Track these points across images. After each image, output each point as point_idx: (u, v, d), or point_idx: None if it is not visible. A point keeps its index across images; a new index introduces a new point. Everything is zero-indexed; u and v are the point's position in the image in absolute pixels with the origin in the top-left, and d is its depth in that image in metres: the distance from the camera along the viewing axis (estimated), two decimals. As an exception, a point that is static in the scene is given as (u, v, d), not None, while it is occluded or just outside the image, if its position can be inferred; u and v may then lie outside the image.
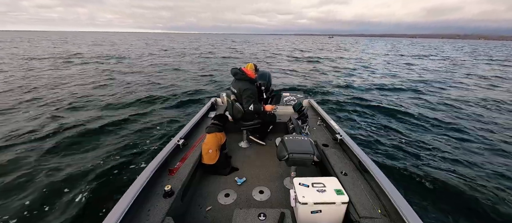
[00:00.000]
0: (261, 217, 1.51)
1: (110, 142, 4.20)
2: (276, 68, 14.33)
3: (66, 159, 3.62)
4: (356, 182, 1.91)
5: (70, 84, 8.82)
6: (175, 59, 18.03)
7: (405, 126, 5.23)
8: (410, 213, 1.41)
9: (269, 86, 3.29)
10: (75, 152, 3.85)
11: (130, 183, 1.65)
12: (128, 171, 3.35)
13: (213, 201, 2.07)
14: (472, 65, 18.20)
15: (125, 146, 4.08)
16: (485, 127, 5.31)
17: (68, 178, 3.15)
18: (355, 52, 29.53)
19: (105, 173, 3.27)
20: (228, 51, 27.61)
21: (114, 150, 3.92)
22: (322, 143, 2.60)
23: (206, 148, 2.36)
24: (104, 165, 3.46)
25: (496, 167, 3.63)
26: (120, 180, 3.15)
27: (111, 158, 3.69)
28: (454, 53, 31.76)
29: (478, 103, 7.32)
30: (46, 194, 2.85)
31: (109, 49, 25.99)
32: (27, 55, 18.48)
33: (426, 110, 6.52)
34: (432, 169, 3.53)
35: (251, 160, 2.72)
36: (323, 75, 12.39)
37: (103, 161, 3.60)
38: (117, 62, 15.48)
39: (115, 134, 4.55)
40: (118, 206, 1.44)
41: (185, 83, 9.56)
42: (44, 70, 11.76)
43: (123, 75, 11.03)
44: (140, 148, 4.02)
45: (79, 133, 4.48)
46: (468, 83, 10.61)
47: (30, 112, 5.63)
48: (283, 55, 23.22)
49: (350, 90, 8.85)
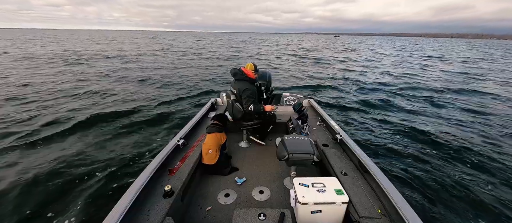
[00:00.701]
0: (261, 217, 1.51)
1: (110, 142, 4.20)
2: (283, 69, 13.94)
3: (66, 159, 3.62)
4: (356, 182, 1.91)
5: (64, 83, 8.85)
6: (178, 58, 18.06)
7: (405, 126, 5.23)
8: (410, 213, 1.41)
9: (269, 86, 3.28)
10: (75, 152, 3.85)
11: (130, 183, 1.66)
12: (128, 171, 3.35)
13: (213, 201, 2.07)
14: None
15: (125, 146, 4.09)
16: (487, 122, 5.33)
17: (68, 178, 3.15)
18: (365, 51, 28.95)
19: (105, 173, 3.27)
20: (232, 50, 27.33)
21: (114, 150, 3.92)
22: (322, 143, 2.60)
23: (206, 148, 2.36)
24: (104, 165, 3.46)
25: (499, 165, 3.63)
26: (120, 180, 3.15)
27: (111, 157, 3.69)
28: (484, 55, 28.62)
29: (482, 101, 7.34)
30: (45, 195, 2.85)
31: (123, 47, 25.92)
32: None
33: (427, 109, 6.53)
34: (432, 169, 3.53)
35: (251, 160, 2.72)
36: (329, 74, 12.29)
37: (103, 161, 3.60)
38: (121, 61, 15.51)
39: (115, 134, 4.55)
40: (118, 206, 1.44)
41: (188, 82, 9.59)
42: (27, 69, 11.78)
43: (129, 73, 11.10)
44: (140, 148, 4.02)
45: (79, 133, 4.49)
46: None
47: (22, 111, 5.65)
48: (287, 55, 22.88)
49: (355, 90, 8.81)
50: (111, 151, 3.89)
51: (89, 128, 4.75)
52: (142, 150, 3.93)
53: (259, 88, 3.07)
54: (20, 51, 20.08)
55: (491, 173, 3.47)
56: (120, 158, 3.68)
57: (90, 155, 3.76)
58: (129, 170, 3.38)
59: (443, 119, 5.72)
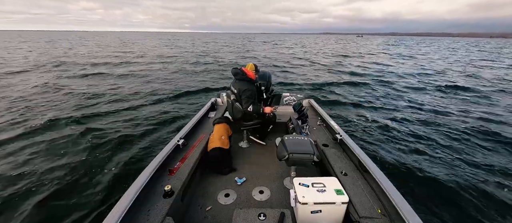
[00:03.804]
0: (261, 217, 1.51)
1: (110, 142, 4.20)
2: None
3: (65, 159, 3.62)
4: (356, 182, 1.91)
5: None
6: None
7: (406, 127, 5.23)
8: (410, 213, 1.41)
9: (269, 87, 3.29)
10: (74, 152, 3.85)
11: (130, 183, 1.65)
12: (128, 171, 3.35)
13: (213, 201, 2.07)
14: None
15: (125, 146, 4.09)
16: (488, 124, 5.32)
17: (67, 178, 3.16)
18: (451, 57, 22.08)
19: (105, 173, 3.27)
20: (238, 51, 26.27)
21: (114, 150, 3.92)
22: (322, 143, 2.60)
23: (218, 135, 2.51)
24: (104, 165, 3.47)
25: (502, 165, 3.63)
26: (120, 180, 3.15)
27: (111, 158, 3.69)
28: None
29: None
30: (45, 195, 2.85)
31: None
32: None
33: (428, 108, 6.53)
34: (432, 169, 3.53)
35: (251, 160, 2.72)
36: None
37: (103, 161, 3.60)
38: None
39: (115, 133, 4.55)
40: (118, 206, 1.44)
41: (193, 83, 9.63)
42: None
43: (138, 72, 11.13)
44: (140, 148, 4.02)
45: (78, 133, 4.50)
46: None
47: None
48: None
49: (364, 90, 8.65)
50: (111, 151, 3.89)
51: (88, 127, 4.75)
52: (142, 150, 3.93)
53: (259, 88, 3.07)
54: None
55: (491, 173, 3.47)
56: (120, 158, 3.68)
57: (90, 155, 3.77)
58: (129, 170, 3.38)
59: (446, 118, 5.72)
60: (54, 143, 4.14)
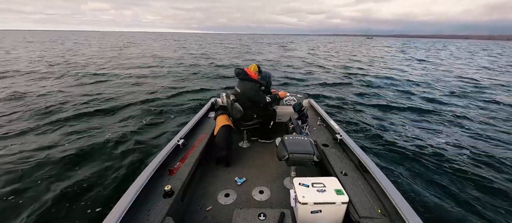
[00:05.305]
0: (261, 217, 1.51)
1: (110, 142, 4.20)
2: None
3: (63, 160, 3.62)
4: (356, 182, 1.91)
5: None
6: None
7: (406, 127, 5.23)
8: (410, 213, 1.41)
9: (269, 87, 3.31)
10: (73, 152, 3.85)
11: (130, 183, 1.65)
12: (128, 171, 3.35)
13: (213, 201, 2.07)
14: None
15: (125, 146, 4.08)
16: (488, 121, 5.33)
17: (67, 178, 3.15)
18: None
19: (105, 173, 3.27)
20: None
21: (114, 150, 3.92)
22: (322, 143, 2.60)
23: (224, 118, 2.72)
24: (104, 165, 3.46)
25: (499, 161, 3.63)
26: (120, 180, 3.15)
27: (110, 157, 3.69)
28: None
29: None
30: (45, 195, 2.85)
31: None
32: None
33: (428, 109, 6.53)
34: (432, 169, 3.53)
35: (251, 160, 2.73)
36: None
37: (103, 161, 3.60)
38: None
39: (115, 133, 4.55)
40: (118, 206, 1.44)
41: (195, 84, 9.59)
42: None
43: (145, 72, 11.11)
44: (139, 148, 4.02)
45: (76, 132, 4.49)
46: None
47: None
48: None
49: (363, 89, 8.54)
50: (111, 151, 3.88)
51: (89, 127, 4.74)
52: (142, 150, 3.93)
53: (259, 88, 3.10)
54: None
55: (492, 173, 3.47)
56: (119, 158, 3.68)
57: (90, 155, 3.77)
58: (129, 170, 3.37)
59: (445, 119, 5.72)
60: (52, 143, 4.14)
